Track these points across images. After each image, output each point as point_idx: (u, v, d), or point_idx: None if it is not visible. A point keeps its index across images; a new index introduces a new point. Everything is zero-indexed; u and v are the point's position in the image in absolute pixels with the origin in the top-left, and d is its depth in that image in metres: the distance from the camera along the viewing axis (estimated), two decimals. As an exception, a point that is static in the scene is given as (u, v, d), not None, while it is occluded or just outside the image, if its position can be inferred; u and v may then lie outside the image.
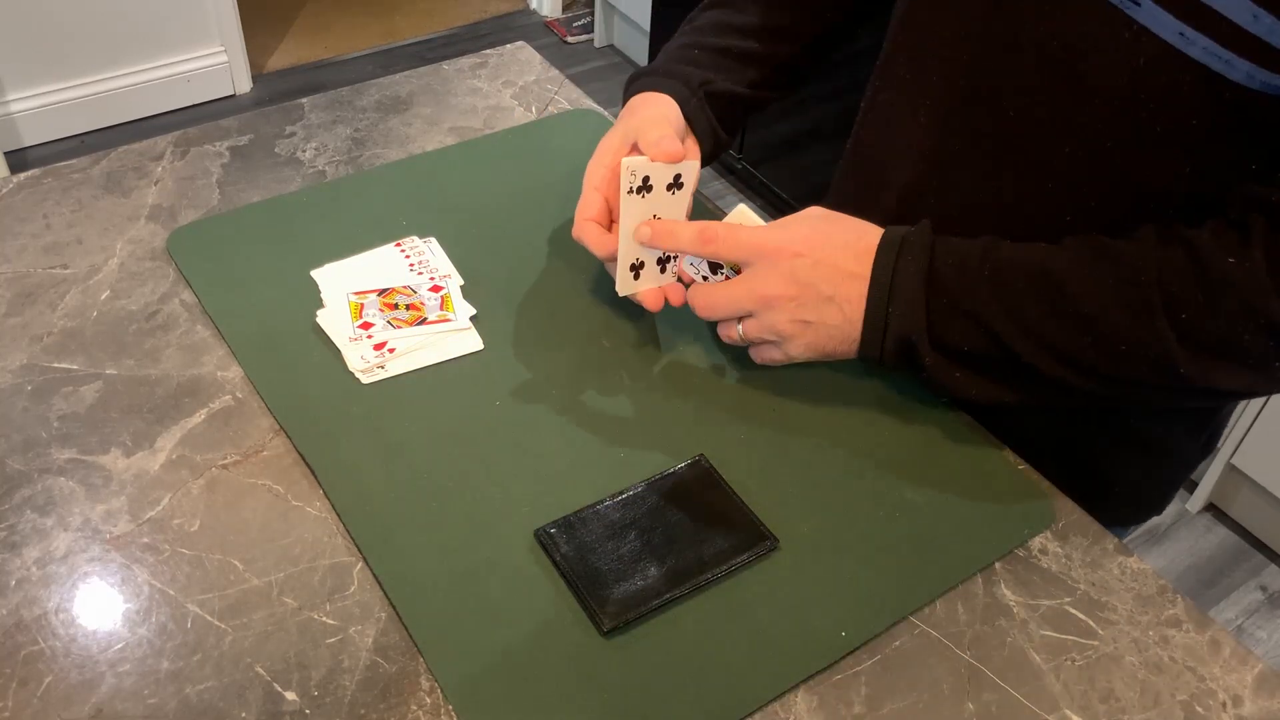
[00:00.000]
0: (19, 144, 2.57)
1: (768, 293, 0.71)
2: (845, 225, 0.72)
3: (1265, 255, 0.62)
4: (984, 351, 0.69)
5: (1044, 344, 0.67)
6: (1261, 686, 0.63)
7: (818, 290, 0.71)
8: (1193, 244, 0.64)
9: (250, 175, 0.94)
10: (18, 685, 0.58)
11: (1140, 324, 0.64)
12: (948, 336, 0.69)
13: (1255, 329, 0.63)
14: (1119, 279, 0.65)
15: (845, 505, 0.70)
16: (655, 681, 0.60)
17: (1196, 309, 0.63)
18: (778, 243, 0.71)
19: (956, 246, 0.70)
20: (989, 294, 0.68)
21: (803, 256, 0.70)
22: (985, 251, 0.69)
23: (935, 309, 0.69)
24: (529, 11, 3.33)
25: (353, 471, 0.69)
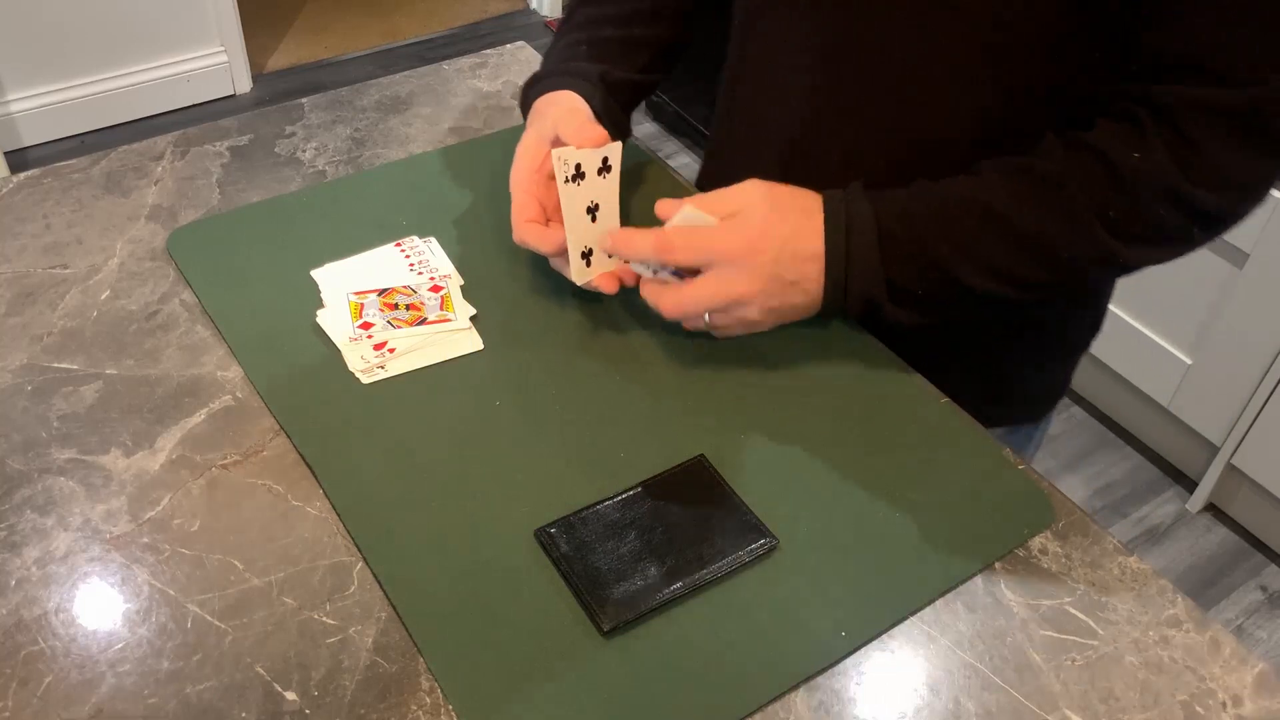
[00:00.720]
0: (19, 144, 2.57)
1: (736, 292, 0.73)
2: (790, 206, 0.74)
3: (1164, 144, 0.68)
4: (939, 289, 0.74)
5: (996, 270, 0.73)
6: (1261, 686, 0.63)
7: (781, 279, 0.73)
8: (1098, 148, 0.70)
9: (250, 175, 0.94)
10: (18, 685, 0.58)
11: (1078, 232, 0.70)
12: (906, 285, 0.74)
13: (1172, 209, 0.69)
14: (1048, 195, 0.71)
15: (845, 505, 0.70)
16: (655, 681, 0.60)
17: (1120, 206, 0.69)
18: (736, 245, 0.72)
19: (896, 200, 0.74)
20: (937, 238, 0.72)
21: (761, 252, 0.72)
22: (924, 198, 0.73)
23: (893, 269, 0.73)
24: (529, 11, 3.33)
25: (353, 471, 0.69)
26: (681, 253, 0.73)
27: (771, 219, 0.73)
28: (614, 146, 0.77)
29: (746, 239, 0.72)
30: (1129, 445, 2.08)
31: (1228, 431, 1.84)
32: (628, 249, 0.75)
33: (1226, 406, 1.82)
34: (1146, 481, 2.02)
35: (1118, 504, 1.98)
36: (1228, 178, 0.68)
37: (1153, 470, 2.04)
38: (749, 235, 0.72)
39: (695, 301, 0.74)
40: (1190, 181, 0.68)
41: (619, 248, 0.75)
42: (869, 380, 0.79)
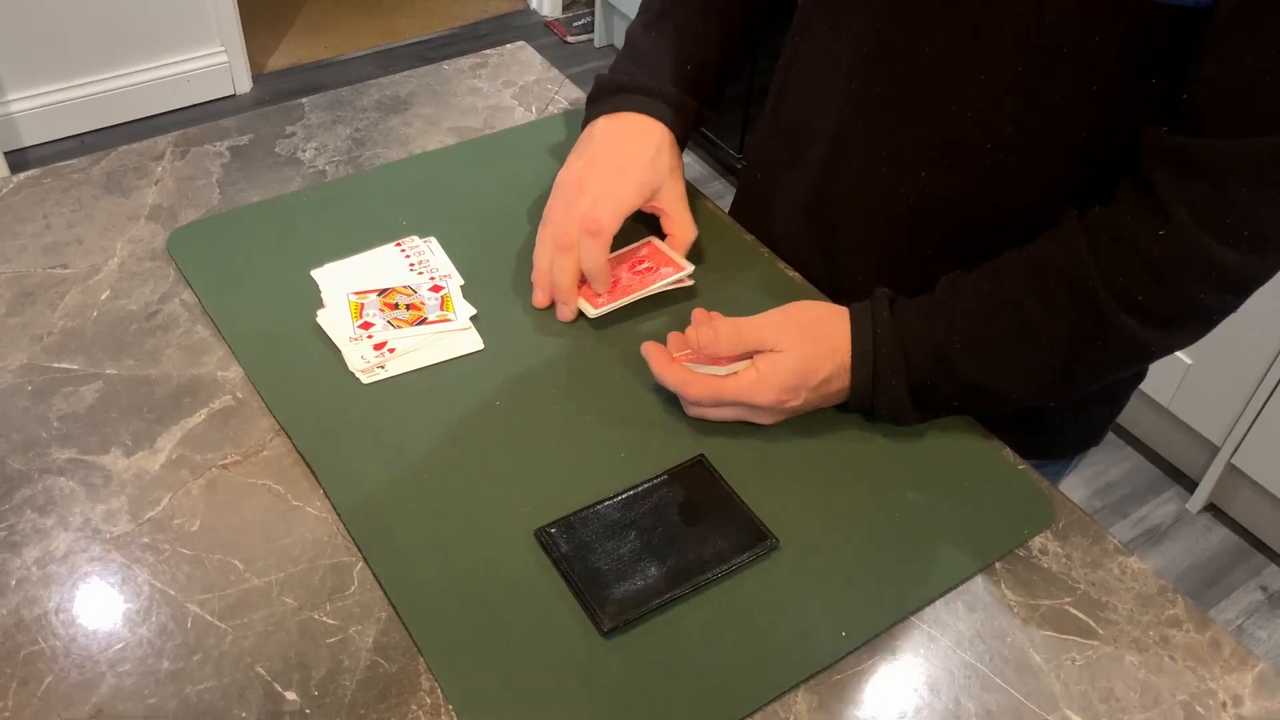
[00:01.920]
0: (19, 144, 2.57)
1: (760, 419, 0.74)
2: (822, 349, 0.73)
3: (1188, 211, 0.65)
4: (971, 403, 0.75)
5: (1025, 379, 0.72)
6: (1261, 686, 0.63)
7: (806, 410, 0.75)
8: (1118, 229, 0.68)
9: (250, 175, 0.94)
10: (18, 685, 0.58)
11: (1103, 326, 0.68)
12: (933, 404, 0.74)
13: (1208, 286, 0.67)
14: (1069, 293, 0.69)
15: (845, 505, 0.70)
16: (655, 681, 0.60)
17: (1149, 291, 0.67)
18: (769, 399, 0.72)
19: (922, 329, 0.73)
20: (964, 361, 0.72)
21: (793, 400, 0.73)
22: (947, 320, 0.72)
23: (918, 397, 0.73)
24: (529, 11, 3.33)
25: (353, 471, 0.69)
26: (711, 409, 0.74)
27: (803, 371, 0.72)
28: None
29: (777, 394, 0.72)
30: (1129, 445, 2.08)
31: (1228, 431, 1.84)
32: (659, 374, 0.74)
33: (1226, 406, 1.82)
34: (1146, 481, 2.02)
35: (1118, 504, 1.98)
36: (1265, 234, 0.65)
37: (1153, 470, 2.04)
38: (780, 388, 0.72)
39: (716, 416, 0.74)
40: (1226, 246, 0.64)
41: (652, 365, 0.75)
42: (869, 380, 0.78)
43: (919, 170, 0.77)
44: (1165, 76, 0.67)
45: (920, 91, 0.74)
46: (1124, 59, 0.67)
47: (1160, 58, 0.66)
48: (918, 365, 0.72)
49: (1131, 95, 0.68)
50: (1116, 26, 0.65)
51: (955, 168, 0.75)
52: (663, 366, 0.74)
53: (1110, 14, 0.64)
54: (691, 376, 0.73)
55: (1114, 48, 0.66)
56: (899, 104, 0.76)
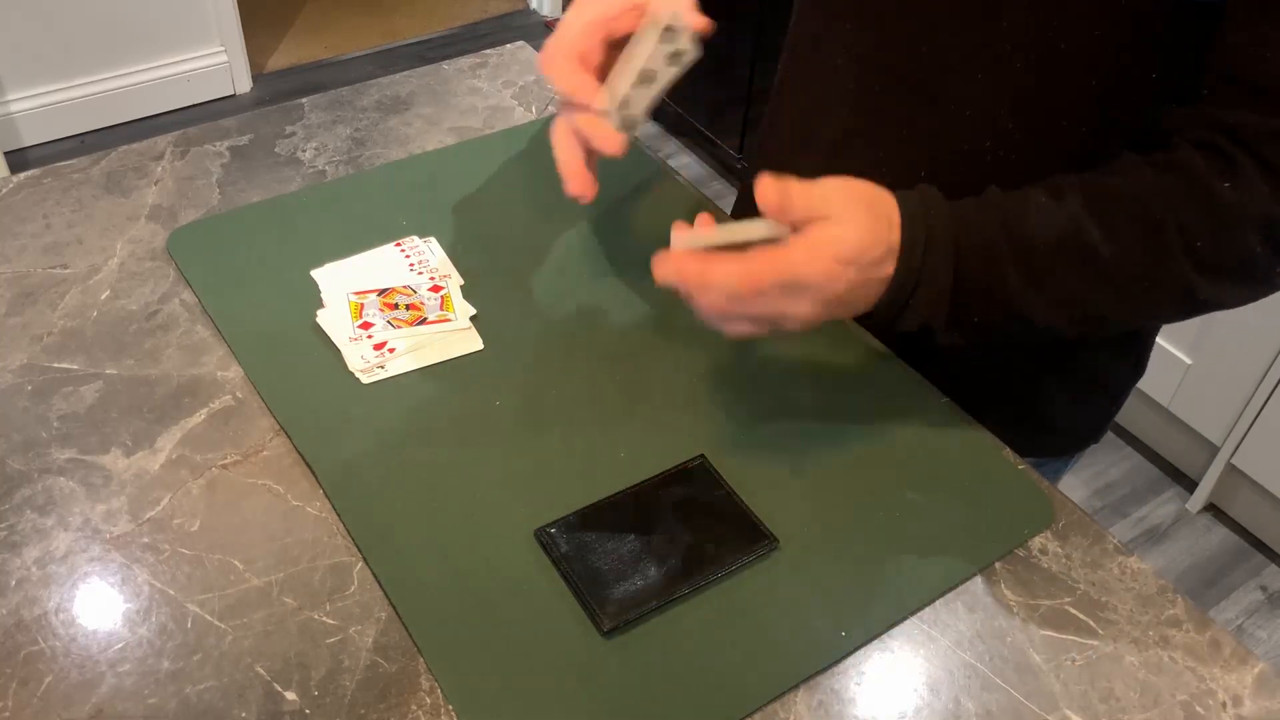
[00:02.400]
0: (19, 144, 2.57)
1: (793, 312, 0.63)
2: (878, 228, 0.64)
3: (1258, 170, 0.62)
4: (999, 320, 0.68)
5: (1065, 304, 0.67)
6: (1261, 686, 0.63)
7: (844, 303, 0.65)
8: (1189, 170, 0.64)
9: (250, 175, 0.94)
10: (18, 685, 0.58)
11: (1160, 262, 0.65)
12: (965, 317, 0.67)
13: (1264, 243, 0.64)
14: (1136, 221, 0.65)
15: (845, 505, 0.70)
16: (655, 681, 0.60)
17: (1210, 236, 0.64)
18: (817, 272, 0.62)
19: (974, 221, 0.66)
20: (1012, 267, 0.66)
21: (838, 281, 0.63)
22: (1000, 219, 0.66)
23: (958, 307, 0.67)
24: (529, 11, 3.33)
25: (353, 471, 0.69)
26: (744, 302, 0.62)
27: (862, 246, 0.63)
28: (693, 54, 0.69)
29: (830, 265, 0.62)
30: (1129, 445, 2.08)
31: (1228, 431, 1.84)
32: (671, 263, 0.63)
33: (1226, 406, 1.82)
34: (1146, 481, 2.02)
35: (1118, 504, 1.98)
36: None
37: (1153, 470, 2.04)
38: (834, 259, 0.62)
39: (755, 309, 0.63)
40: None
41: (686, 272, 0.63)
42: (870, 381, 0.79)
43: (920, 170, 0.76)
44: (1169, 74, 0.66)
45: (921, 91, 0.74)
46: (1127, 57, 0.66)
47: (1164, 55, 0.66)
48: (966, 259, 0.66)
49: (1135, 93, 0.68)
50: (1119, 24, 0.64)
51: (958, 167, 0.74)
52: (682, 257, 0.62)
53: (1113, 11, 0.64)
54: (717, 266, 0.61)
55: (1117, 45, 0.66)
56: (899, 104, 0.76)
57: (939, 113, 0.73)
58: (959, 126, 0.73)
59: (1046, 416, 0.86)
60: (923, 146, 0.75)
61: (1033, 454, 0.77)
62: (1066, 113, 0.70)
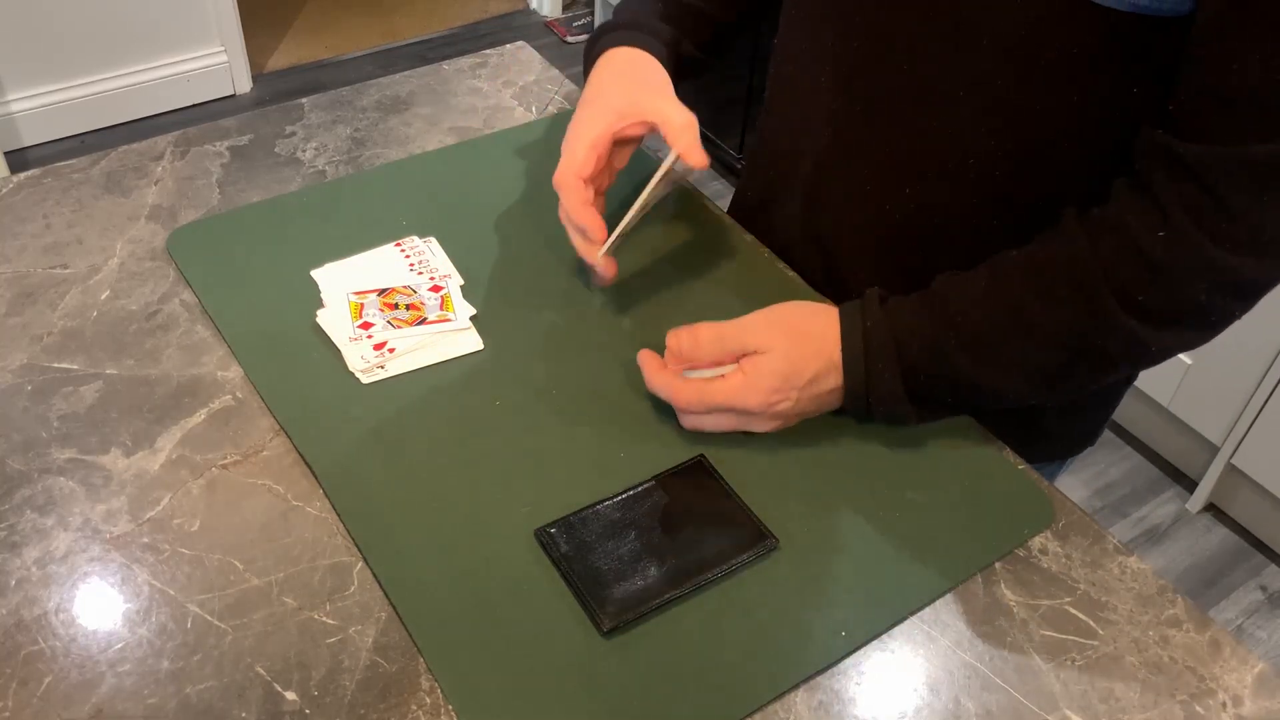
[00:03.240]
0: (19, 144, 2.57)
1: (752, 427, 0.73)
2: (808, 348, 0.72)
3: (1185, 214, 0.64)
4: (967, 399, 0.74)
5: (1023, 375, 0.71)
6: (1261, 686, 0.63)
7: (800, 416, 0.74)
8: (1118, 228, 0.67)
9: (250, 175, 0.94)
10: (18, 685, 0.58)
11: (1103, 325, 0.68)
12: (930, 398, 0.73)
13: (1210, 290, 0.66)
14: (1069, 289, 0.68)
15: (845, 505, 0.70)
16: (655, 681, 0.60)
17: (1149, 291, 0.66)
18: (755, 402, 0.71)
19: (916, 325, 0.72)
20: (960, 356, 0.71)
21: (783, 402, 0.72)
22: (943, 316, 0.71)
23: (915, 397, 0.72)
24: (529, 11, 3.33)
25: (353, 471, 0.69)
26: (697, 415, 0.72)
27: (789, 372, 0.71)
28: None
29: (765, 395, 0.71)
30: (1129, 445, 2.08)
31: (1228, 431, 1.84)
32: (649, 381, 0.74)
33: (1226, 406, 1.82)
34: (1146, 481, 2.02)
35: (1118, 504, 1.98)
36: (1264, 239, 0.64)
37: (1153, 470, 2.04)
38: (767, 390, 0.71)
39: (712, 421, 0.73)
40: (1226, 250, 0.64)
41: (644, 373, 0.74)
42: (869, 380, 0.78)
43: (904, 186, 0.77)
44: (1149, 87, 0.66)
45: (901, 106, 0.74)
46: (1105, 75, 0.67)
47: (1142, 68, 0.66)
48: (911, 359, 0.71)
49: (1115, 106, 0.68)
50: (1095, 38, 0.65)
51: (940, 182, 0.75)
52: (654, 373, 0.73)
53: (1089, 30, 0.64)
54: (680, 383, 0.72)
55: (1091, 58, 0.66)
56: (882, 120, 0.76)
57: (920, 132, 0.74)
58: (940, 145, 0.73)
59: (1039, 424, 0.86)
60: (906, 162, 0.76)
61: (1026, 459, 0.77)
62: (1046, 130, 0.70)
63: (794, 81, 0.83)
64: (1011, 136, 0.71)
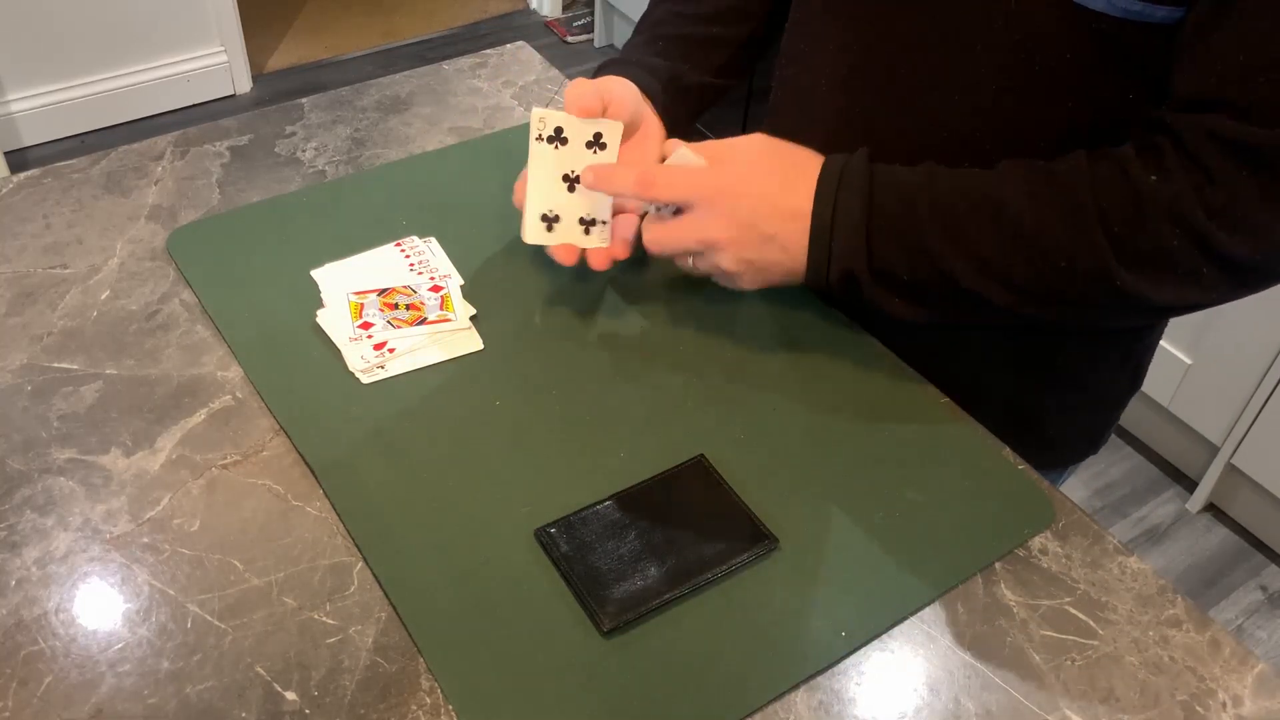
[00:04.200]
0: (19, 144, 2.57)
1: (709, 236, 0.73)
2: (784, 158, 0.73)
3: (1184, 173, 0.64)
4: (925, 279, 0.71)
5: (985, 268, 0.70)
6: (1261, 686, 0.63)
7: (759, 230, 0.72)
8: (1121, 160, 0.67)
9: (250, 175, 0.94)
10: (18, 685, 0.58)
11: (1078, 238, 0.67)
12: (889, 267, 0.71)
13: (1183, 239, 0.65)
14: (1055, 194, 0.68)
15: (845, 505, 0.70)
16: (655, 681, 0.60)
17: (1128, 221, 0.66)
18: (715, 185, 0.71)
19: (896, 176, 0.71)
20: (929, 223, 0.70)
21: (741, 197, 0.71)
22: (925, 180, 0.71)
23: (877, 243, 0.71)
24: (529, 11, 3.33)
25: (353, 471, 0.69)
26: (661, 189, 0.73)
27: (759, 167, 0.72)
28: (610, 124, 0.76)
29: (727, 182, 0.71)
30: (1129, 445, 2.08)
31: (1228, 431, 1.84)
32: (609, 184, 0.75)
33: (1226, 406, 1.82)
34: (1146, 481, 2.02)
35: (1118, 504, 1.98)
36: (1246, 220, 0.64)
37: (1153, 470, 2.04)
38: (730, 178, 0.72)
39: (671, 239, 0.74)
40: (1207, 215, 0.64)
41: (599, 183, 0.75)
42: (869, 381, 0.79)
43: None
44: (1141, 93, 0.67)
45: (901, 108, 0.75)
46: (1099, 77, 0.67)
47: (1134, 73, 0.67)
48: (881, 202, 0.70)
49: (1109, 110, 0.69)
50: (1085, 44, 0.65)
51: None
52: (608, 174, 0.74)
53: (1083, 34, 0.65)
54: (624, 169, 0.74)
55: (1085, 65, 0.66)
56: (881, 121, 0.76)
57: (918, 133, 0.74)
58: (937, 146, 0.74)
59: (1044, 432, 0.86)
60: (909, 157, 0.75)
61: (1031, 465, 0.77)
62: (1042, 132, 0.70)
63: (796, 84, 0.84)
64: (1006, 140, 0.71)
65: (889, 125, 0.76)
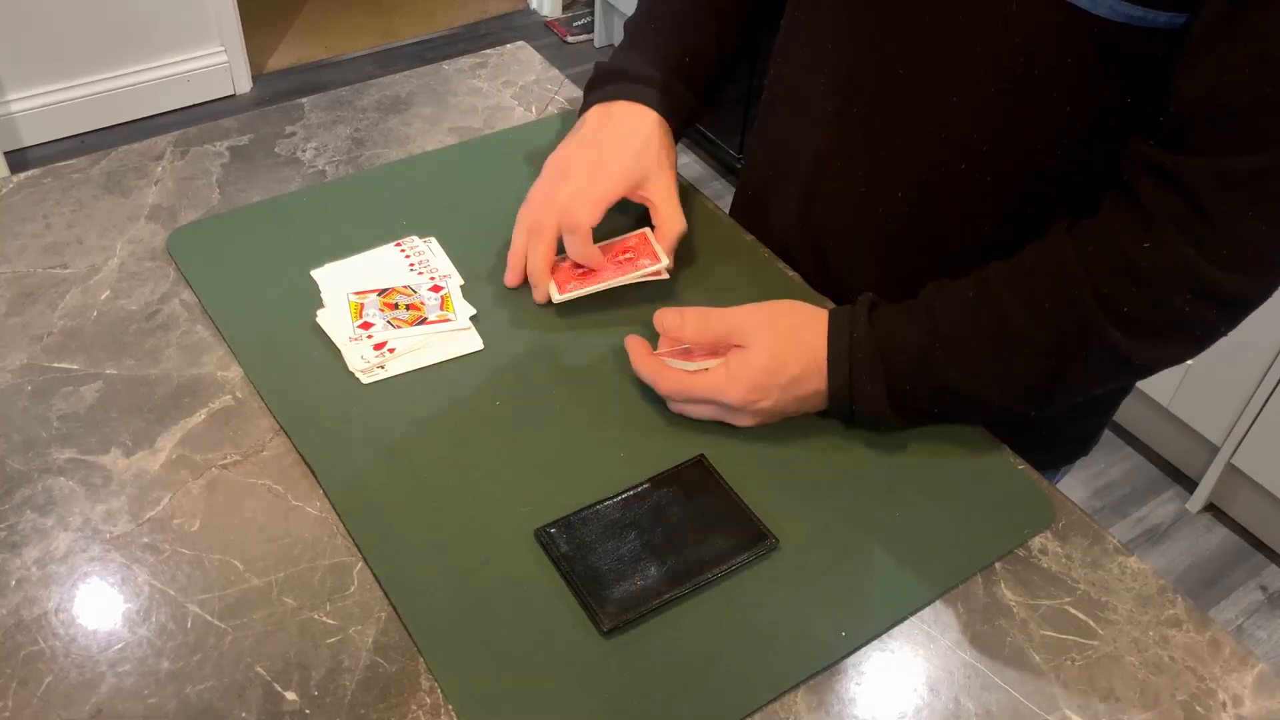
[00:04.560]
0: (19, 144, 2.57)
1: (736, 420, 0.73)
2: (794, 346, 0.72)
3: (1171, 224, 0.64)
4: (951, 409, 0.73)
5: (1007, 386, 0.71)
6: (1261, 686, 0.63)
7: (783, 414, 0.74)
8: (1104, 236, 0.67)
9: (250, 175, 0.94)
10: (18, 685, 0.58)
11: (1089, 334, 0.67)
12: (916, 407, 0.73)
13: (1193, 301, 0.65)
14: (1055, 300, 0.68)
15: (845, 505, 0.70)
16: (655, 681, 0.60)
17: (1132, 300, 0.66)
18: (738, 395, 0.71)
19: (902, 334, 0.72)
20: (945, 368, 0.71)
21: (765, 398, 0.72)
22: (929, 325, 0.71)
23: (897, 399, 0.72)
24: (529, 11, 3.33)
25: (353, 471, 0.69)
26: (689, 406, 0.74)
27: (772, 369, 0.71)
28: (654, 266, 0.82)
29: (746, 391, 0.71)
30: (1129, 445, 2.08)
31: (1228, 431, 1.84)
32: (635, 366, 0.75)
33: (1226, 406, 1.82)
34: (1146, 481, 2.02)
35: (1118, 504, 1.98)
36: (1246, 253, 0.64)
37: (1153, 470, 2.04)
38: (748, 385, 0.71)
39: (694, 413, 0.74)
40: (1209, 262, 0.64)
41: (631, 357, 0.76)
42: (869, 380, 0.78)
43: (897, 190, 0.77)
44: (1141, 96, 0.67)
45: (896, 111, 0.74)
46: (1095, 79, 0.66)
47: (1133, 77, 0.66)
48: (896, 368, 0.71)
49: (1106, 115, 0.68)
50: (1085, 47, 0.65)
51: (933, 187, 0.75)
52: (639, 358, 0.75)
53: (1081, 37, 0.64)
54: (664, 370, 0.73)
55: (1084, 68, 0.66)
56: (876, 124, 0.76)
57: (914, 133, 0.74)
58: (934, 147, 0.73)
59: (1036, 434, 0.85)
60: (899, 165, 0.76)
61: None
62: (1039, 134, 0.70)
63: (793, 83, 0.84)
64: (1004, 142, 0.71)
65: (886, 124, 0.75)
